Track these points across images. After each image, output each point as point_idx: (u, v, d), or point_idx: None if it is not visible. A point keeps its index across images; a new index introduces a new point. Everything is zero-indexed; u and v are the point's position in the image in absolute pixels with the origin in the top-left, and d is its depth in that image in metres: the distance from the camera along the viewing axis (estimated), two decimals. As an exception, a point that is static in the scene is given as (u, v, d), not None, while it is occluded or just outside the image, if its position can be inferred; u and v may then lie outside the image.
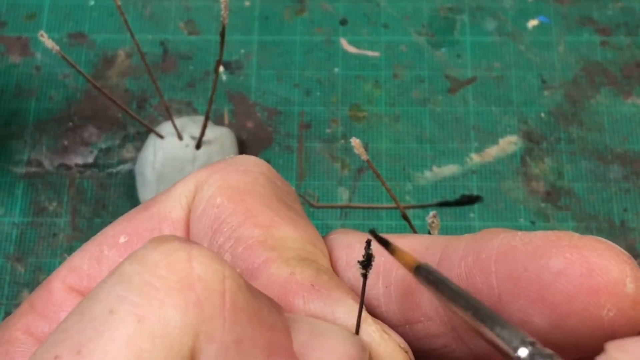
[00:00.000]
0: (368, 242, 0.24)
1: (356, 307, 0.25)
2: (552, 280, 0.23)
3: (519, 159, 0.61)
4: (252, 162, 0.29)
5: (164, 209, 0.29)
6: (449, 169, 0.61)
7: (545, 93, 0.64)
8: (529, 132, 0.62)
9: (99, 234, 0.29)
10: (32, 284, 0.57)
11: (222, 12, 0.48)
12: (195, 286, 0.21)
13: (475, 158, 0.61)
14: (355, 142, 0.38)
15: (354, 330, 0.25)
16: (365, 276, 0.24)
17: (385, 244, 0.25)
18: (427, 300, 0.26)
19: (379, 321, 0.26)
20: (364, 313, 0.25)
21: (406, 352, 0.25)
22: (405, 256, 0.25)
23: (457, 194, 0.60)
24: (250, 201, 0.28)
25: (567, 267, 0.23)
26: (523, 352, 0.22)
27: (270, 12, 0.67)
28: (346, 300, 0.25)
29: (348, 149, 0.61)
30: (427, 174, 0.61)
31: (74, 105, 0.63)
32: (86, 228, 0.59)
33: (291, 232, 0.27)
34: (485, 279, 0.24)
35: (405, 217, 0.42)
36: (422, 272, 0.24)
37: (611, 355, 0.21)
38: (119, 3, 0.49)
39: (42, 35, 0.46)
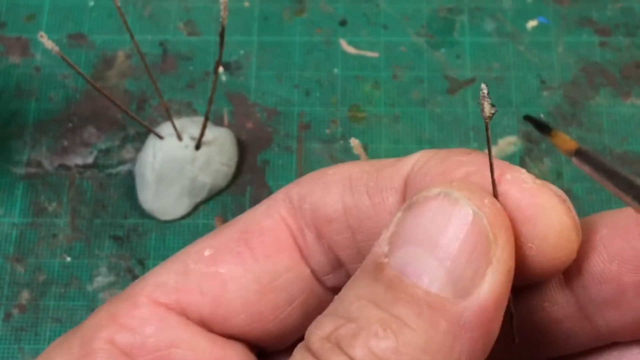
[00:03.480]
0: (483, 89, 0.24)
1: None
2: None
3: (519, 159, 0.61)
4: None
5: (251, 220, 0.29)
6: (449, 170, 0.61)
7: (545, 94, 0.64)
8: (528, 133, 0.62)
9: (179, 253, 0.30)
10: (32, 285, 0.57)
11: (222, 13, 0.49)
12: None
13: (474, 159, 0.61)
14: (354, 142, 0.39)
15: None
16: (487, 122, 0.25)
17: (545, 129, 0.25)
18: (553, 285, 0.26)
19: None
20: (506, 165, 0.25)
21: (564, 200, 0.25)
22: (566, 140, 0.25)
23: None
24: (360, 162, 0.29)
25: None
26: None
27: (270, 13, 0.67)
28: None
29: (347, 150, 0.61)
30: (427, 174, 0.61)
31: (74, 105, 0.63)
32: (86, 229, 0.59)
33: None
34: (626, 244, 0.26)
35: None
36: (584, 157, 0.25)
37: None
38: (119, 4, 0.49)
39: (41, 36, 0.46)
